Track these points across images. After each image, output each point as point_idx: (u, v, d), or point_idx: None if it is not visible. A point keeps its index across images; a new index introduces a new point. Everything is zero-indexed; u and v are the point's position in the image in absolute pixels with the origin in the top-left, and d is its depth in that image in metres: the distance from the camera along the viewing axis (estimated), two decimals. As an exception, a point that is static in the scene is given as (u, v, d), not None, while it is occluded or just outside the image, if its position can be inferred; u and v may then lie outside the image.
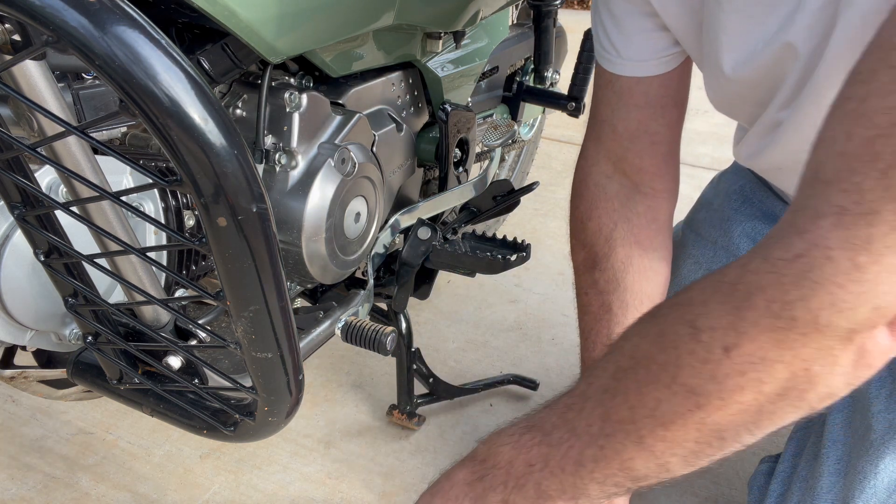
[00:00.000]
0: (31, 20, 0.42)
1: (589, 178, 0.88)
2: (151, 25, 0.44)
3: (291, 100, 0.79)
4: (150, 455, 1.14)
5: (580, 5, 5.07)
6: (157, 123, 0.45)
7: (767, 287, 0.49)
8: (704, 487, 1.13)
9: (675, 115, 0.83)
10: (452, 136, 1.07)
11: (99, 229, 0.58)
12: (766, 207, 0.97)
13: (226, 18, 0.64)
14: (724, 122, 2.73)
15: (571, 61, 1.45)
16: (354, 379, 1.34)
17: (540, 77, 1.47)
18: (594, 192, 0.88)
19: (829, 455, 0.81)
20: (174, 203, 0.78)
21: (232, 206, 0.50)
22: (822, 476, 0.80)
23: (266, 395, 0.66)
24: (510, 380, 1.30)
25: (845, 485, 0.77)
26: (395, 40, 0.95)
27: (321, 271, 0.87)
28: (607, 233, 0.86)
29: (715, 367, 0.51)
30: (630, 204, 0.87)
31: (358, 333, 0.88)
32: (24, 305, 0.70)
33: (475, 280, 1.64)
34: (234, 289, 0.56)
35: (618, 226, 0.86)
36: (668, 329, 0.55)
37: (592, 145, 0.88)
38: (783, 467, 0.90)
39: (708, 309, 0.53)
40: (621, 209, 0.86)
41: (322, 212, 0.83)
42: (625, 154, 0.85)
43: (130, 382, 0.75)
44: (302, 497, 1.08)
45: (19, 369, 0.87)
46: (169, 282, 0.79)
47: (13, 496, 1.06)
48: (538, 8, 1.41)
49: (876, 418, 0.76)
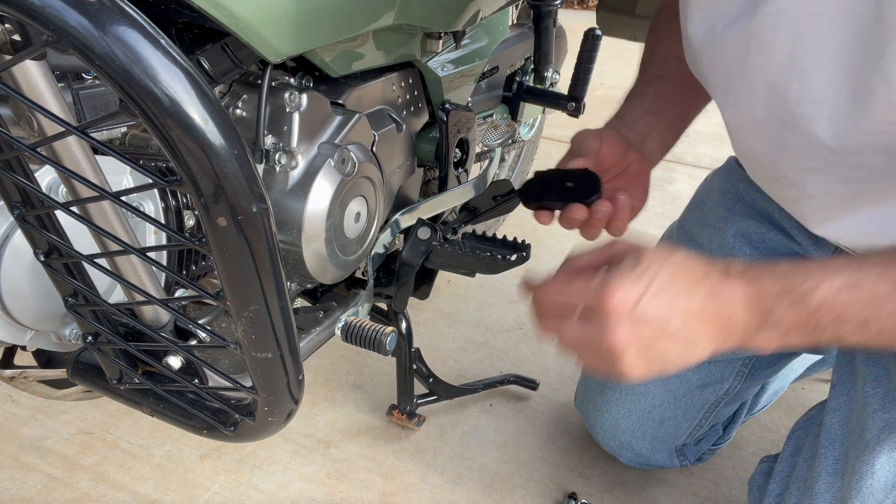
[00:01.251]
0: (31, 20, 0.42)
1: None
2: (151, 25, 0.44)
3: (291, 100, 0.79)
4: (150, 455, 1.14)
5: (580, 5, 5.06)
6: (157, 123, 0.45)
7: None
8: (704, 487, 1.13)
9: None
10: (452, 136, 1.07)
11: (99, 229, 0.58)
12: (760, 206, 0.97)
13: (226, 18, 0.64)
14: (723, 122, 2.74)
15: (571, 61, 1.45)
16: (354, 379, 1.34)
17: (540, 77, 1.47)
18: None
19: (826, 455, 0.81)
20: (174, 203, 0.78)
21: (232, 206, 0.50)
22: (819, 476, 0.80)
23: (266, 395, 0.67)
24: (510, 380, 1.30)
25: (843, 485, 0.77)
26: (395, 40, 0.95)
27: (321, 271, 0.87)
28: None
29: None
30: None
31: (358, 333, 0.88)
32: (24, 305, 0.70)
33: (475, 280, 1.64)
34: (234, 289, 0.56)
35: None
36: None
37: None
38: (781, 467, 0.90)
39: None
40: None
41: (322, 212, 0.83)
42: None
43: (130, 382, 0.75)
44: (302, 497, 1.08)
45: (19, 369, 0.87)
46: (169, 282, 0.79)
47: (13, 496, 1.06)
48: (538, 8, 1.41)
49: (871, 418, 0.76)
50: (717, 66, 0.72)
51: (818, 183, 0.71)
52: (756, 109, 0.70)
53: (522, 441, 1.20)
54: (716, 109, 0.84)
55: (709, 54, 0.72)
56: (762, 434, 1.25)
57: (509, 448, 1.19)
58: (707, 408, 1.05)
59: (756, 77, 0.67)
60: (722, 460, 1.18)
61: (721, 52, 0.70)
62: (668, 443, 1.09)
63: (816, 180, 0.71)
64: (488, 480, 1.12)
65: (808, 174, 0.71)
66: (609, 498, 1.11)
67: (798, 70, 0.64)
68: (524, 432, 1.22)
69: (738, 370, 1.02)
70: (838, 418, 0.82)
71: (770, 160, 0.74)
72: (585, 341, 0.59)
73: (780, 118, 0.68)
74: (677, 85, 0.89)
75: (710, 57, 0.72)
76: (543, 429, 1.23)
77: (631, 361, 0.58)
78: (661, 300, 0.56)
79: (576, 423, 1.24)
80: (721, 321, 0.58)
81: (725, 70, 0.71)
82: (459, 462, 1.16)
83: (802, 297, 0.57)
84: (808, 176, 0.72)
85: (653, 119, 0.88)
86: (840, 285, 0.56)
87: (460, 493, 1.10)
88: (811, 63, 0.63)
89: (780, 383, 1.20)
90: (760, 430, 1.26)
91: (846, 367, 0.86)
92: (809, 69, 0.63)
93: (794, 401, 1.32)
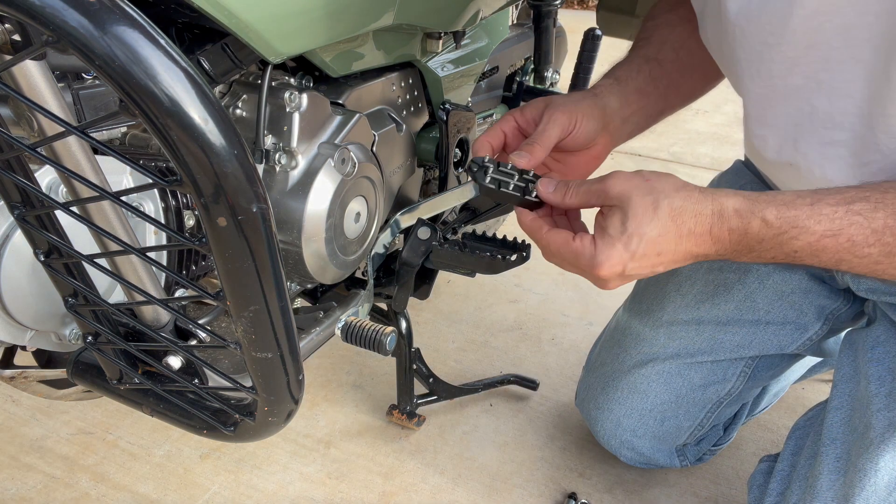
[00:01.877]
0: (31, 20, 0.42)
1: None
2: (151, 25, 0.44)
3: (291, 100, 0.79)
4: (150, 455, 1.14)
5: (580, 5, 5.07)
6: (157, 123, 0.45)
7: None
8: (704, 487, 1.13)
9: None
10: (452, 136, 1.07)
11: (99, 229, 0.58)
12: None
13: (226, 18, 0.63)
14: (724, 123, 2.75)
15: (571, 61, 1.45)
16: (354, 379, 1.34)
17: (540, 77, 1.47)
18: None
19: (828, 453, 0.81)
20: (174, 203, 0.78)
21: (232, 206, 0.50)
22: (821, 474, 0.80)
23: (266, 395, 0.66)
24: (510, 380, 1.30)
25: (845, 482, 0.77)
26: (395, 40, 0.95)
27: (321, 271, 0.87)
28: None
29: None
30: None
31: (358, 333, 0.88)
32: (24, 305, 0.70)
33: (475, 280, 1.64)
34: (234, 289, 0.56)
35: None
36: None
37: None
38: (782, 466, 0.90)
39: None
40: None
41: (322, 212, 0.83)
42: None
43: (130, 382, 0.75)
44: (302, 497, 1.08)
45: (19, 369, 0.87)
46: (169, 282, 0.79)
47: (13, 496, 1.06)
48: (538, 8, 1.41)
49: (876, 416, 0.76)
50: (752, 38, 0.71)
51: (837, 162, 0.71)
52: (792, 76, 0.70)
53: (522, 441, 1.20)
54: (716, 110, 0.84)
55: (744, 26, 0.71)
56: (762, 434, 1.25)
57: (509, 448, 1.19)
58: (708, 408, 1.05)
59: (798, 40, 0.67)
60: (722, 460, 1.18)
61: (759, 21, 0.69)
62: (669, 442, 1.09)
63: (836, 158, 0.70)
64: (488, 480, 1.12)
65: (830, 150, 0.71)
66: (609, 498, 1.11)
67: (842, 27, 0.63)
68: (524, 432, 1.22)
69: (741, 371, 1.02)
70: (840, 417, 0.82)
71: (793, 136, 0.74)
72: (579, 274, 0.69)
73: (816, 81, 0.68)
74: (668, 76, 0.88)
75: (745, 28, 0.71)
76: (543, 429, 1.23)
77: (617, 285, 0.68)
78: (646, 259, 0.64)
79: (576, 423, 1.24)
80: (703, 257, 0.65)
81: (762, 40, 0.70)
82: (459, 462, 1.16)
83: (783, 244, 0.61)
84: (829, 152, 0.71)
85: (640, 100, 0.86)
86: (822, 233, 0.60)
87: (460, 493, 1.10)
88: (854, 20, 0.62)
89: (781, 384, 1.21)
90: (760, 429, 1.26)
91: (848, 367, 0.86)
92: (852, 26, 0.63)
93: (794, 401, 1.32)
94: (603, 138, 0.84)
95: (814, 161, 0.73)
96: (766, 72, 0.72)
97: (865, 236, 0.59)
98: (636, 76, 0.86)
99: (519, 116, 0.81)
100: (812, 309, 0.97)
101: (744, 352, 1.00)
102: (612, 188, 0.66)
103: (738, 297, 1.00)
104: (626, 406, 1.06)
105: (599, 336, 1.19)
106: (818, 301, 0.97)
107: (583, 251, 0.65)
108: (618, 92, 0.85)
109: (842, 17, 0.63)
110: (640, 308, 1.09)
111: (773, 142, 0.77)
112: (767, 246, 0.62)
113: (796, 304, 0.98)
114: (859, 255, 0.60)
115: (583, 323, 1.53)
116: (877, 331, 0.85)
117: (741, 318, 1.00)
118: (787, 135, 0.75)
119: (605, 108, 0.83)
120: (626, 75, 0.86)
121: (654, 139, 2.59)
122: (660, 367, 1.03)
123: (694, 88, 0.92)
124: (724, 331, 1.00)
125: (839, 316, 0.98)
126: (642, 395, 1.04)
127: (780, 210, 0.61)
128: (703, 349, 1.01)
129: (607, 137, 0.84)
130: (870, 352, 0.83)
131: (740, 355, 1.01)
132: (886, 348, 0.82)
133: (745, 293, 0.99)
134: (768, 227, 0.61)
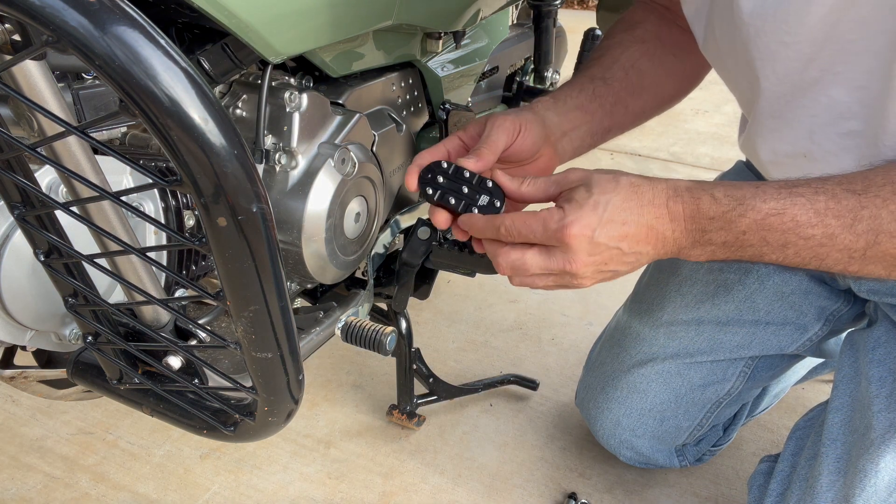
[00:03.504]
0: (31, 20, 0.42)
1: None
2: (151, 25, 0.44)
3: (291, 100, 0.79)
4: (150, 455, 1.14)
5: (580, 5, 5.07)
6: (157, 123, 0.45)
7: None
8: (704, 487, 1.13)
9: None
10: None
11: (99, 229, 0.58)
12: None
13: (226, 18, 0.64)
14: (724, 123, 2.75)
15: (571, 61, 1.46)
16: (354, 379, 1.34)
17: (540, 77, 1.47)
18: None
19: (828, 454, 0.81)
20: (174, 203, 0.78)
21: (232, 206, 0.50)
22: (821, 475, 0.80)
23: (266, 395, 0.66)
24: (510, 380, 1.30)
25: (845, 483, 0.77)
26: (395, 40, 0.95)
27: (321, 271, 0.87)
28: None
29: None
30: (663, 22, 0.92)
31: (358, 333, 0.88)
32: (24, 305, 0.70)
33: (475, 280, 1.64)
34: (234, 289, 0.56)
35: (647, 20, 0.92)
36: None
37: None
38: (783, 466, 0.90)
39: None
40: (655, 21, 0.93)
41: (322, 212, 0.83)
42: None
43: (130, 382, 0.75)
44: (302, 497, 1.08)
45: (19, 369, 0.87)
46: (169, 282, 0.79)
47: (13, 496, 1.06)
48: (538, 8, 1.41)
49: (876, 417, 0.76)
50: (767, 36, 0.72)
51: (853, 152, 0.71)
52: (809, 71, 0.70)
53: (522, 441, 1.20)
54: (716, 110, 0.84)
55: (759, 25, 0.72)
56: (762, 434, 1.25)
57: (509, 448, 1.19)
58: (708, 408, 1.05)
59: (815, 36, 0.68)
60: (722, 460, 1.18)
61: (774, 19, 0.70)
62: (669, 442, 1.09)
63: (853, 148, 0.71)
64: (488, 480, 1.12)
65: (848, 140, 0.71)
66: (609, 498, 1.11)
67: (859, 19, 0.65)
68: (524, 432, 1.22)
69: (741, 371, 1.03)
70: (840, 418, 0.83)
71: (808, 128, 0.74)
72: (547, 269, 0.67)
73: (833, 73, 0.69)
74: (615, 94, 0.88)
75: (761, 27, 0.71)
76: (543, 429, 1.23)
77: (587, 276, 0.67)
78: (613, 227, 0.65)
79: (576, 423, 1.24)
80: (662, 238, 0.66)
81: (778, 39, 0.71)
82: (459, 462, 1.16)
83: (732, 221, 0.63)
84: (845, 142, 0.71)
85: (581, 116, 0.86)
86: (767, 211, 0.62)
87: (460, 493, 1.10)
88: (871, 12, 0.64)
89: (781, 386, 1.21)
90: (760, 430, 1.26)
91: (849, 368, 0.86)
92: (870, 18, 0.64)
93: (795, 401, 1.32)
94: (547, 150, 0.83)
95: (829, 150, 0.73)
96: (781, 69, 0.73)
97: (808, 217, 0.61)
98: (577, 94, 0.87)
99: (462, 134, 0.81)
100: (812, 310, 0.97)
101: (743, 352, 1.00)
102: (571, 174, 0.70)
103: (738, 298, 1.00)
104: (626, 405, 1.06)
105: (599, 336, 1.19)
106: (818, 302, 0.97)
107: (550, 216, 0.65)
108: (554, 108, 0.85)
109: (858, 9, 0.64)
110: (640, 308, 1.09)
111: (789, 134, 0.77)
112: (718, 224, 0.64)
113: (796, 304, 0.98)
114: (804, 237, 0.62)
115: (583, 323, 1.53)
116: (877, 332, 0.85)
117: (741, 318, 1.00)
118: (802, 126, 0.75)
119: (545, 121, 0.83)
120: (566, 94, 0.87)
121: (654, 139, 2.59)
122: (659, 367, 1.03)
123: (645, 108, 0.93)
124: (724, 331, 1.01)
125: (840, 317, 0.98)
126: (642, 395, 1.04)
127: (727, 189, 0.65)
128: (703, 349, 1.02)
129: (551, 150, 0.84)
130: (870, 353, 0.83)
131: (740, 355, 1.01)
132: (887, 349, 0.82)
133: (746, 294, 1.00)
134: (717, 203, 0.64)
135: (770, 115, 0.79)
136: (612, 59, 0.89)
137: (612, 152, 2.48)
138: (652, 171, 2.32)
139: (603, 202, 0.64)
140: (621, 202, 0.65)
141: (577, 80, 0.89)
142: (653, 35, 0.91)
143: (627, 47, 0.89)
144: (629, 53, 0.89)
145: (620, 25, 0.95)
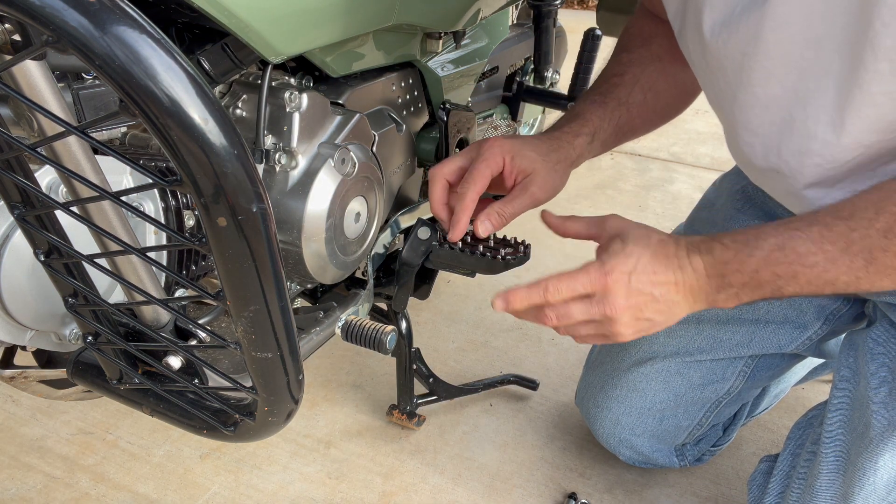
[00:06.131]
0: (31, 20, 0.42)
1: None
2: (151, 25, 0.44)
3: (291, 100, 0.79)
4: (150, 455, 1.14)
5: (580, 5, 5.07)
6: (157, 123, 0.45)
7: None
8: (704, 487, 1.13)
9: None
10: (452, 136, 1.07)
11: (99, 229, 0.58)
12: (769, 207, 0.98)
13: (226, 18, 0.64)
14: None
15: (571, 61, 1.45)
16: (354, 379, 1.34)
17: (540, 77, 1.47)
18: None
19: (827, 453, 0.81)
20: (174, 203, 0.78)
21: (232, 206, 0.50)
22: (820, 474, 0.80)
23: (266, 395, 0.66)
24: (510, 380, 1.30)
25: (844, 482, 0.77)
26: (395, 40, 0.95)
27: (321, 271, 0.87)
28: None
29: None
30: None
31: (358, 332, 0.88)
32: (24, 305, 0.70)
33: (475, 280, 1.64)
34: (234, 289, 0.56)
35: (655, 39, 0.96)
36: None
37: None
38: (782, 465, 0.90)
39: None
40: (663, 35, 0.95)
41: (322, 212, 0.83)
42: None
43: (130, 382, 0.75)
44: (302, 497, 1.08)
45: (19, 369, 0.87)
46: (169, 282, 0.79)
47: (13, 496, 1.06)
48: (538, 8, 1.41)
49: (875, 416, 0.77)
50: (733, 49, 0.75)
51: (814, 170, 0.74)
52: (771, 86, 0.73)
53: (522, 441, 1.20)
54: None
55: (726, 37, 0.75)
56: (762, 434, 1.25)
57: (509, 448, 1.19)
58: (707, 407, 1.05)
59: (771, 52, 0.71)
60: (722, 460, 1.18)
61: (736, 34, 0.73)
62: (668, 441, 1.09)
63: (813, 167, 0.74)
64: (488, 480, 1.13)
65: (807, 159, 0.73)
66: (609, 498, 1.11)
67: (813, 39, 0.67)
68: (524, 432, 1.22)
69: (741, 370, 1.03)
70: (840, 417, 0.83)
71: (776, 144, 0.76)
72: (589, 315, 0.72)
73: (793, 91, 0.71)
74: (631, 121, 0.94)
75: (727, 40, 0.74)
76: (543, 429, 1.23)
77: (626, 323, 0.72)
78: (646, 276, 0.71)
79: (576, 423, 1.24)
80: (689, 288, 0.72)
81: (741, 51, 0.74)
82: (459, 462, 1.16)
83: (743, 262, 0.69)
84: (806, 160, 0.74)
85: (598, 148, 0.93)
86: (770, 248, 0.67)
87: (460, 493, 1.10)
88: (823, 31, 0.66)
89: (781, 386, 1.21)
90: (760, 429, 1.26)
91: (848, 367, 0.86)
92: (823, 37, 0.66)
93: (794, 401, 1.32)
94: (537, 177, 0.88)
95: (795, 168, 0.75)
96: (746, 81, 0.75)
97: (808, 247, 0.66)
98: (607, 126, 0.92)
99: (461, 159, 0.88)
100: (812, 308, 0.98)
101: (743, 350, 1.00)
102: (609, 221, 0.77)
103: (738, 297, 1.00)
104: (625, 404, 1.06)
105: (600, 336, 1.19)
106: (818, 301, 0.97)
107: (590, 268, 0.72)
108: (588, 150, 0.92)
109: (812, 30, 0.67)
110: (640, 308, 1.09)
111: (760, 149, 0.79)
112: (733, 267, 0.69)
113: (796, 303, 0.98)
114: (808, 265, 0.66)
115: (583, 323, 1.53)
116: (877, 332, 0.85)
117: (741, 316, 1.00)
118: (771, 142, 0.77)
119: (559, 153, 0.89)
120: (599, 125, 0.92)
121: (654, 139, 2.59)
122: (659, 366, 1.03)
123: (644, 130, 0.99)
124: (724, 329, 1.01)
125: (840, 316, 0.98)
126: (641, 394, 1.04)
127: (731, 236, 0.71)
128: (703, 348, 1.02)
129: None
130: (870, 353, 0.83)
131: (739, 354, 1.01)
132: (886, 349, 0.83)
133: None
134: (727, 249, 0.70)
135: (744, 128, 0.80)
136: (634, 80, 0.94)
137: (612, 152, 2.48)
138: (652, 171, 2.32)
139: (636, 254, 0.71)
140: (651, 255, 0.71)
141: (608, 107, 0.93)
142: (666, 50, 0.94)
143: (646, 66, 0.94)
144: (648, 73, 0.94)
145: (637, 39, 0.97)
